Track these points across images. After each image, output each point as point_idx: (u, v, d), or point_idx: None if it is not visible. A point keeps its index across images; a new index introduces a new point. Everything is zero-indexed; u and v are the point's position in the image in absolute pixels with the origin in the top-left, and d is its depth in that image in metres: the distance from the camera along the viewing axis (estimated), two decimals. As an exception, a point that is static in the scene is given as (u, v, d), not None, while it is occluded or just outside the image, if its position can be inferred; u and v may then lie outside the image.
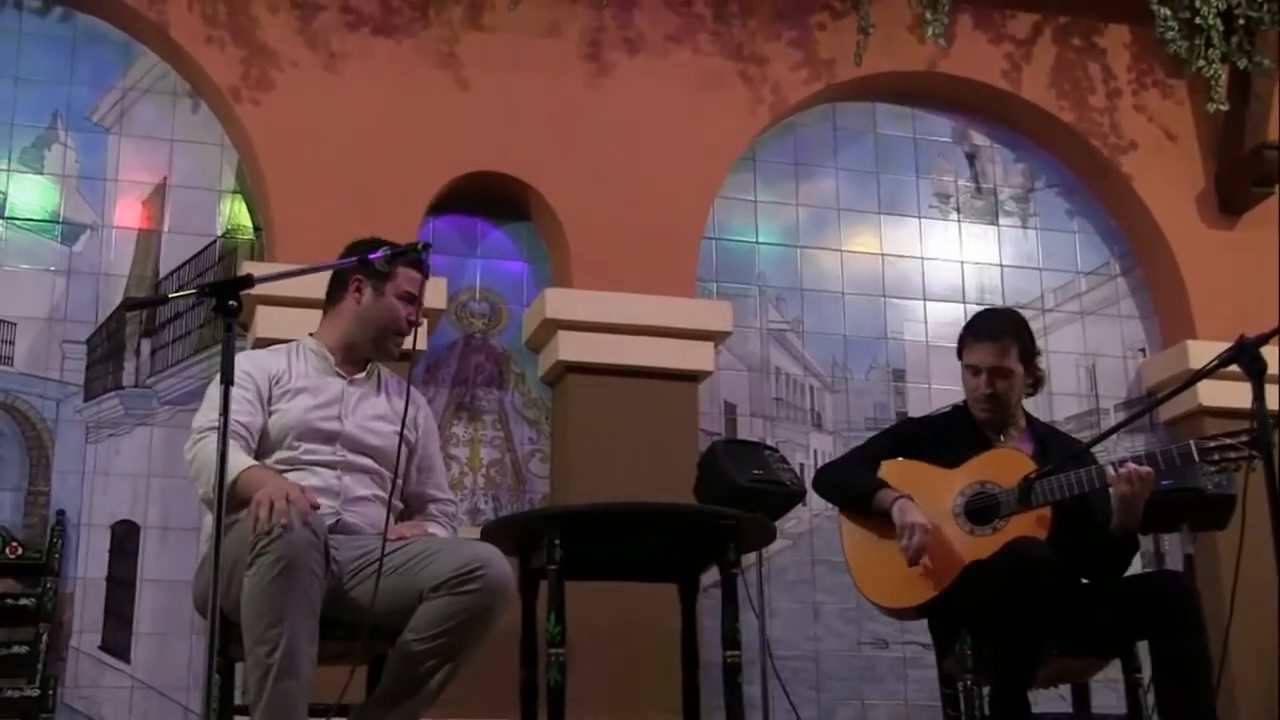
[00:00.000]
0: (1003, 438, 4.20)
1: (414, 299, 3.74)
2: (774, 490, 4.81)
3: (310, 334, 3.87)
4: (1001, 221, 6.70)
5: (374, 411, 3.73)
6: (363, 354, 3.81)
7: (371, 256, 3.39)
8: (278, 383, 3.67)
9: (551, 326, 5.68)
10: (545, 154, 5.86)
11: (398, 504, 3.73)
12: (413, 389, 3.77)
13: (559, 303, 5.69)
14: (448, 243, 5.87)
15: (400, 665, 3.37)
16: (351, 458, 3.65)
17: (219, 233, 5.71)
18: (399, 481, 3.72)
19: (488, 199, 5.93)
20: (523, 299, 5.93)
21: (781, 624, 5.83)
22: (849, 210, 6.50)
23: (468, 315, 5.86)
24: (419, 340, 5.22)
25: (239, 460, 3.40)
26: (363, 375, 3.81)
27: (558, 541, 3.90)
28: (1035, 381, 4.26)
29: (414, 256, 3.56)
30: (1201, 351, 6.08)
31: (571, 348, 5.66)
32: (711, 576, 4.23)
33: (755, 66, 6.26)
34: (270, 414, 3.62)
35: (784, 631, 5.83)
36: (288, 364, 3.73)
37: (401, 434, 3.56)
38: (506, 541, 4.02)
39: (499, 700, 4.33)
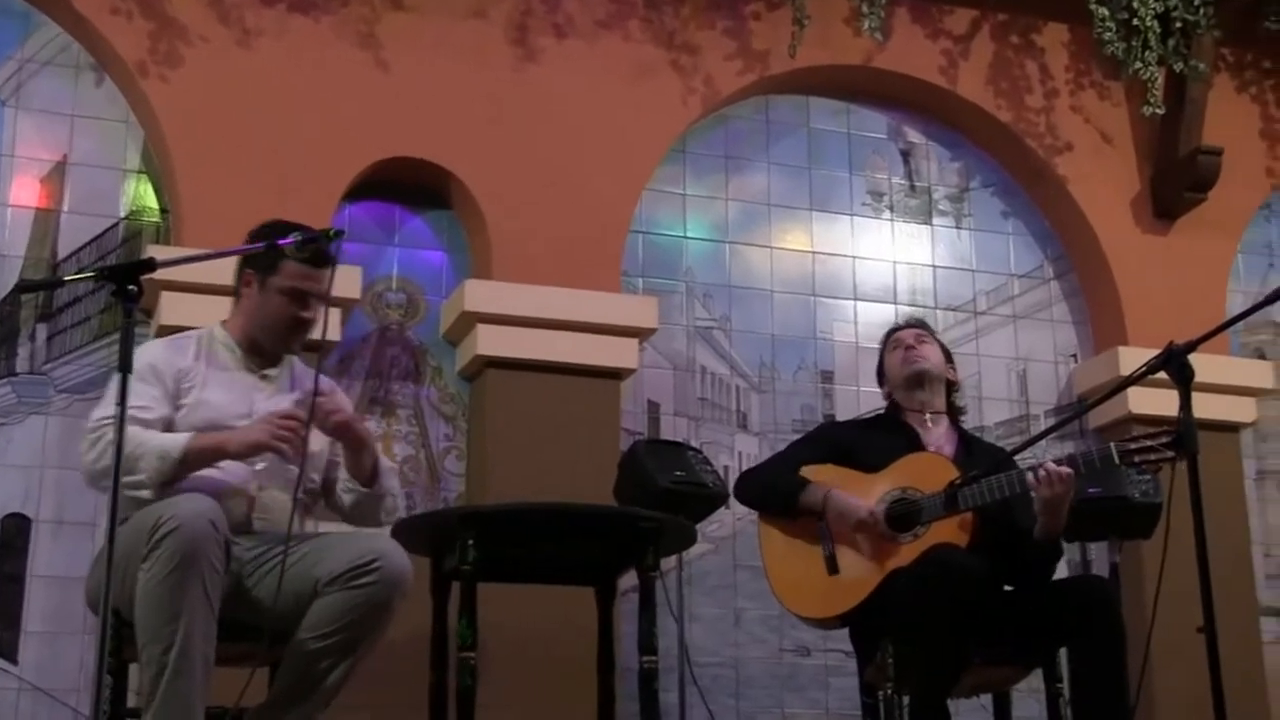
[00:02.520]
0: (929, 443, 4.25)
1: (301, 295, 3.62)
2: (696, 492, 4.82)
3: (222, 321, 3.79)
4: (935, 221, 6.75)
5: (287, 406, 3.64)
6: (267, 348, 3.72)
7: (281, 243, 3.35)
8: (185, 377, 3.60)
9: (471, 319, 5.67)
10: (468, 140, 5.85)
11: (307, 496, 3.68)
12: (327, 379, 3.73)
13: (479, 295, 5.68)
14: (364, 230, 5.83)
15: (295, 665, 3.35)
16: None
17: (123, 214, 5.63)
18: (316, 477, 3.66)
19: (407, 186, 5.90)
20: (441, 290, 5.90)
21: (702, 630, 5.85)
22: (780, 206, 6.53)
23: (384, 306, 5.83)
24: (331, 331, 5.28)
25: (169, 439, 3.38)
26: (274, 369, 3.73)
27: (471, 542, 3.90)
28: (952, 385, 4.38)
29: (308, 250, 3.46)
30: (1133, 358, 6.15)
31: (491, 342, 5.65)
32: (630, 580, 4.23)
33: (687, 56, 6.28)
34: (177, 409, 3.55)
35: (704, 638, 5.84)
36: (195, 357, 3.66)
37: (309, 423, 3.46)
38: (418, 541, 4.02)
39: (408, 705, 4.32)
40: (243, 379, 3.67)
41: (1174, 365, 3.44)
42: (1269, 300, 3.57)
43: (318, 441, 3.55)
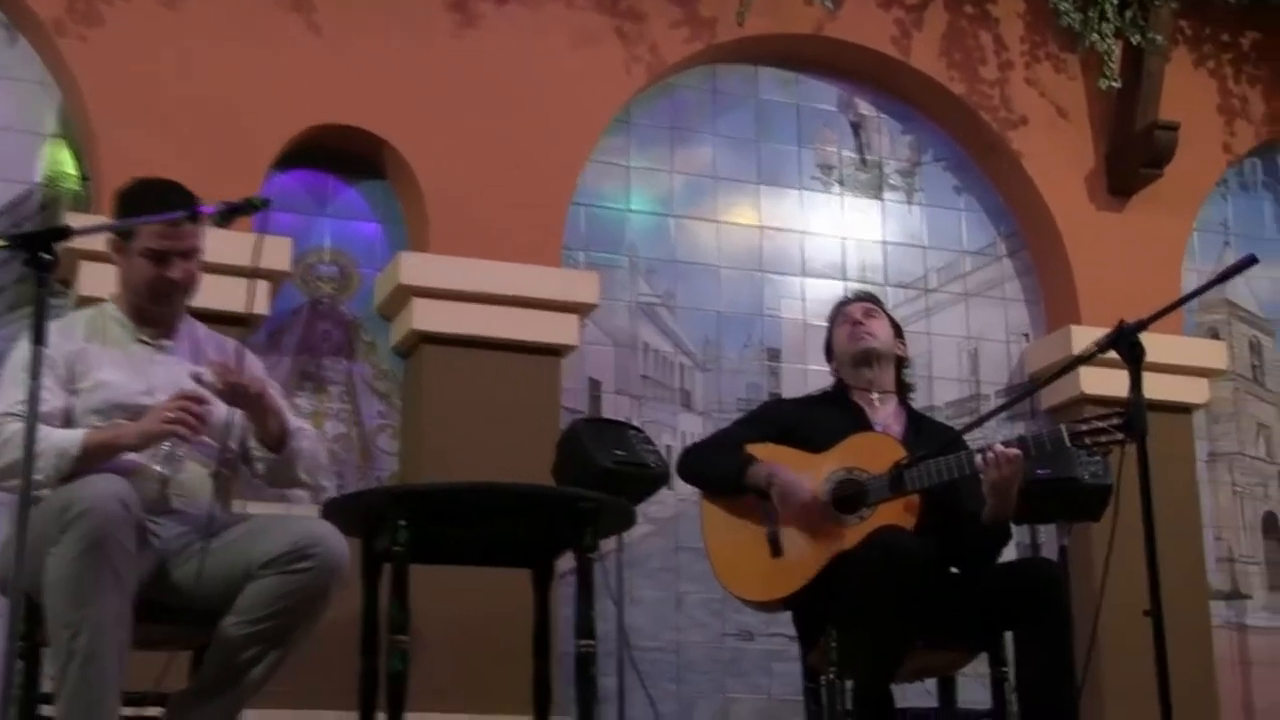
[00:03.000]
0: (876, 422, 4.25)
1: (162, 255, 3.50)
2: (637, 473, 4.81)
3: (113, 295, 3.69)
4: (886, 196, 6.77)
5: (186, 378, 3.51)
6: (153, 316, 3.62)
7: (203, 211, 3.30)
8: (78, 360, 3.50)
9: (405, 293, 5.64)
10: (403, 108, 5.81)
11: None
12: (232, 342, 3.69)
13: (414, 268, 5.65)
14: (295, 200, 5.79)
15: (222, 652, 3.31)
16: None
17: (39, 180, 5.55)
18: (234, 445, 3.59)
19: (340, 154, 5.86)
20: (375, 263, 5.87)
21: (642, 613, 5.85)
22: (727, 179, 6.52)
23: (315, 279, 5.79)
24: (259, 304, 5.23)
25: (66, 436, 3.32)
26: (170, 339, 3.64)
27: (403, 522, 3.88)
28: (901, 362, 4.40)
29: (176, 207, 3.39)
30: (1086, 337, 6.18)
31: (426, 316, 5.62)
32: (569, 563, 4.22)
33: (632, 23, 6.25)
34: (75, 394, 3.46)
35: (644, 621, 5.84)
36: (86, 338, 3.55)
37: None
38: (349, 521, 3.98)
39: (337, 692, 4.30)
40: (138, 352, 3.57)
41: (1124, 345, 3.44)
42: (1221, 279, 3.58)
43: (224, 410, 3.48)
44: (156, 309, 3.60)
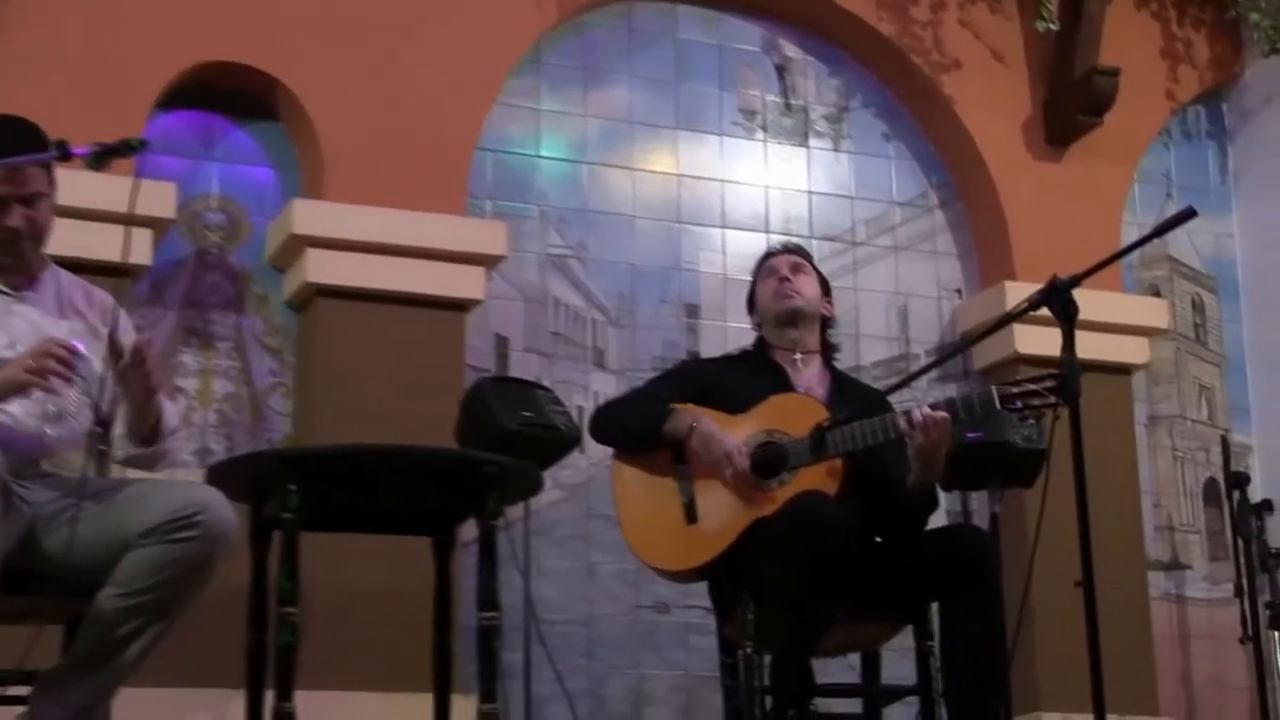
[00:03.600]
0: (798, 384, 4.27)
1: (4, 202, 3.44)
2: (546, 435, 4.84)
3: None
4: (811, 143, 6.78)
5: (51, 328, 3.50)
6: (6, 265, 3.54)
7: (75, 153, 3.26)
8: None
9: (299, 243, 5.60)
10: (297, 45, 5.75)
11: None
12: (111, 302, 3.64)
13: (309, 216, 5.61)
14: (179, 142, 5.74)
15: (97, 626, 3.27)
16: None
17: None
18: (104, 407, 3.55)
19: (229, 94, 5.80)
20: (267, 210, 5.82)
21: (551, 585, 5.86)
22: (643, 124, 6.52)
23: (202, 227, 5.74)
24: (140, 254, 5.18)
25: None
26: (32, 290, 3.58)
27: (294, 487, 3.85)
28: (827, 321, 4.43)
29: (20, 148, 3.33)
30: (1021, 294, 6.19)
31: (322, 268, 5.59)
32: (473, 531, 4.21)
33: (543, -44, 6.23)
34: None
35: (554, 593, 5.86)
36: None
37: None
38: (236, 486, 3.95)
39: (222, 667, 4.28)
40: None
41: (1056, 301, 3.48)
42: (1158, 232, 3.62)
43: (99, 366, 3.43)
44: (4, 259, 3.55)
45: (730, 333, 6.16)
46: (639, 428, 4.21)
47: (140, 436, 3.56)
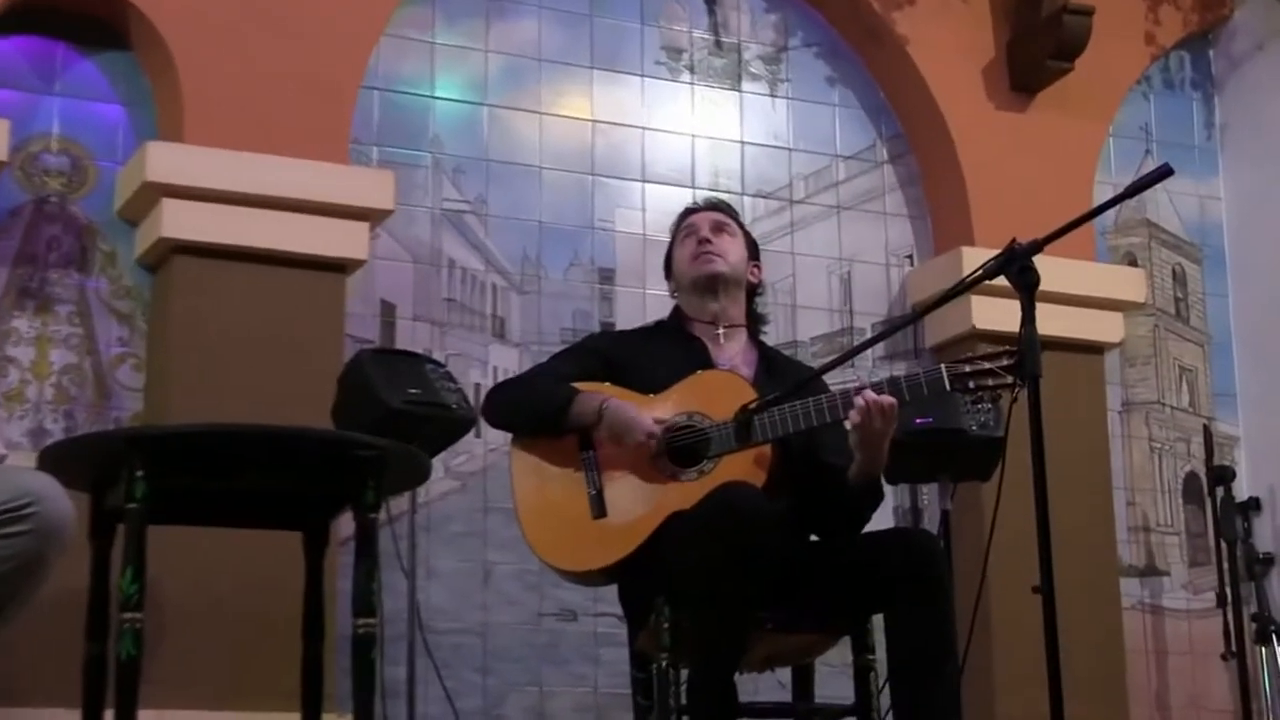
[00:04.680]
0: (720, 360, 4.27)
1: None
2: (436, 415, 4.84)
3: None
4: (745, 87, 6.79)
5: None
6: None
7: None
8: None
9: (154, 192, 5.55)
10: (153, -38, 5.71)
11: None
12: None
13: (165, 161, 5.56)
14: (13, 73, 5.69)
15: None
16: None
17: None
18: None
19: (73, 18, 5.76)
20: (117, 154, 5.79)
21: (441, 588, 5.86)
22: (553, 62, 6.52)
23: (40, 172, 5.69)
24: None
25: None
26: None
27: (141, 473, 3.81)
28: (754, 288, 4.43)
29: None
30: (979, 261, 6.22)
31: (180, 221, 5.54)
32: (349, 525, 4.20)
33: None
34: None
35: (443, 598, 5.86)
36: None
37: None
38: (74, 472, 3.94)
39: (54, 682, 4.25)
40: None
41: (1015, 269, 3.50)
42: (1130, 192, 3.65)
43: None
44: None
45: (650, 301, 6.17)
46: (539, 410, 4.21)
47: None
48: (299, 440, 4.08)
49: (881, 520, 4.30)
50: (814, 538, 4.20)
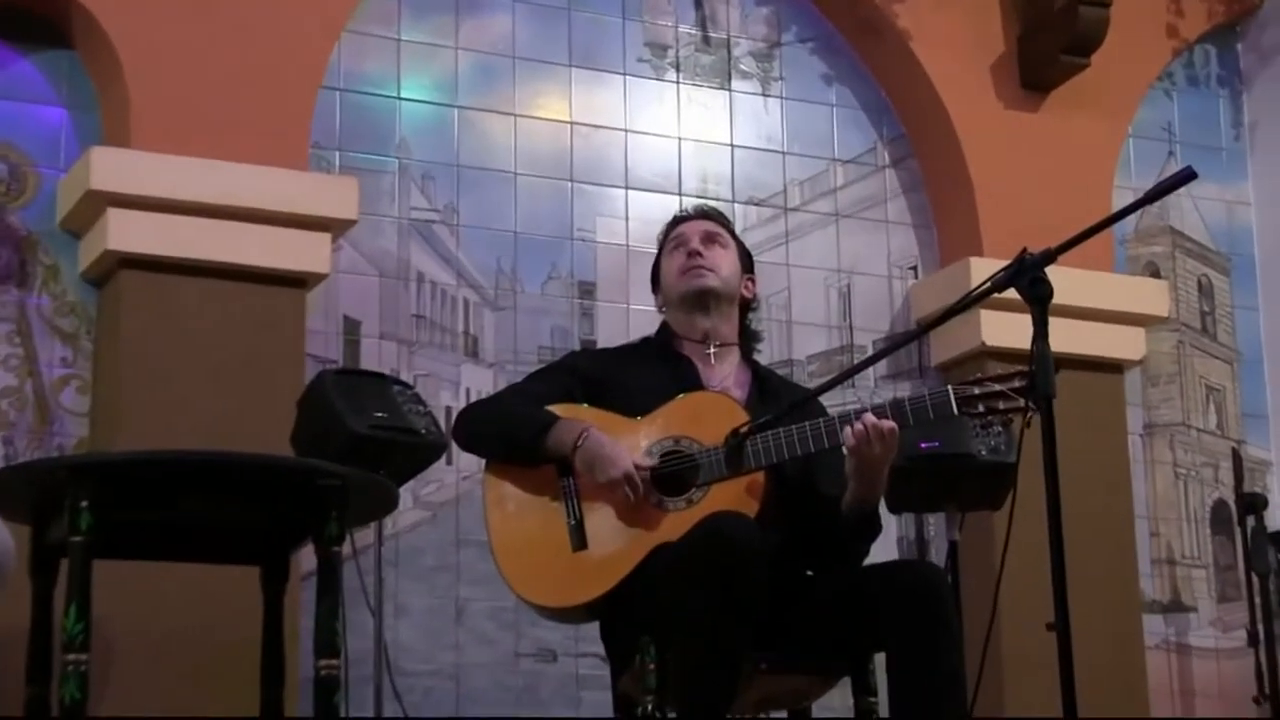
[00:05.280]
0: (711, 380, 4.27)
1: None
2: (403, 441, 4.86)
3: None
4: (735, 86, 6.82)
5: None
6: None
7: None
8: None
9: (99, 201, 5.57)
10: (98, -46, 5.73)
11: None
12: None
13: (111, 167, 5.58)
14: (-52, 75, 5.70)
15: None
16: None
17: None
18: None
19: (11, 13, 5.77)
20: (59, 160, 5.81)
21: (410, 627, 5.87)
22: (528, 60, 6.55)
23: (-25, 180, 5.71)
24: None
25: None
26: None
27: (85, 503, 3.82)
28: (747, 303, 4.43)
29: None
30: (989, 272, 6.26)
31: (127, 233, 5.56)
32: (311, 560, 4.20)
33: None
34: None
35: (413, 637, 5.87)
36: None
37: None
38: (14, 502, 3.98)
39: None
40: None
41: (1026, 281, 3.51)
42: (1150, 198, 3.65)
43: None
44: None
45: (634, 317, 6.20)
46: (513, 437, 4.20)
47: None
48: (256, 468, 4.10)
49: (884, 553, 4.31)
50: (809, 572, 4.21)
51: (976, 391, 3.94)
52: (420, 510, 5.90)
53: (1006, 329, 6.12)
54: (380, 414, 4.81)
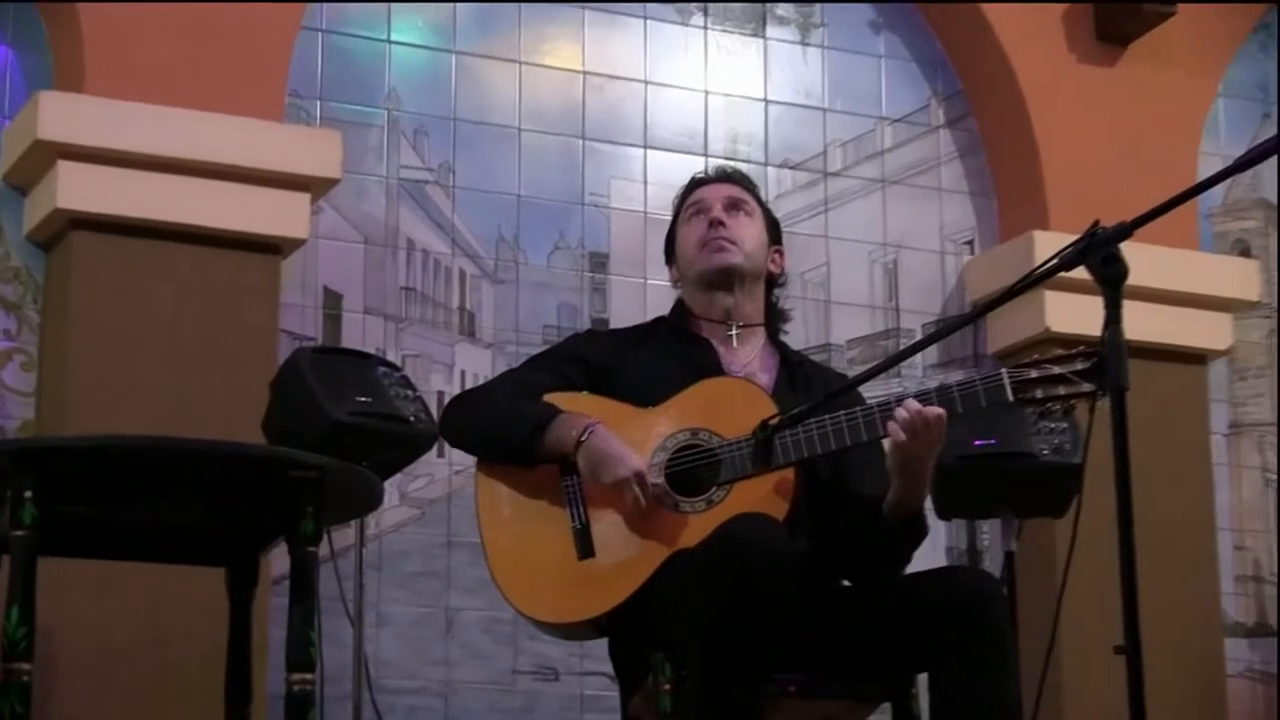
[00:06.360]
0: (733, 365, 4.28)
1: None
2: (389, 429, 4.87)
3: None
4: (770, 34, 6.83)
5: None
6: None
7: None
8: None
9: (48, 153, 5.60)
10: (49, -124, 5.76)
11: None
12: None
13: (62, 115, 5.61)
14: (-119, 11, 5.73)
15: None
16: None
17: None
18: None
19: (-48, -57, 5.80)
20: (3, 107, 5.85)
21: (395, 639, 5.90)
22: (535, 1, 6.53)
23: (-90, 128, 5.75)
24: None
25: None
26: None
27: (30, 494, 3.85)
28: (774, 279, 4.42)
29: None
30: (1056, 248, 6.27)
31: (79, 189, 5.60)
32: (284, 562, 4.22)
33: None
34: None
35: (397, 650, 5.90)
36: None
37: None
38: (-51, 493, 3.97)
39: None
40: None
41: (1098, 258, 3.52)
42: (1240, 165, 3.65)
43: None
44: None
45: (651, 292, 6.22)
46: (505, 438, 4.18)
47: None
48: (222, 457, 4.10)
49: (931, 564, 4.30)
50: (845, 582, 4.22)
51: (1035, 375, 3.90)
52: (407, 508, 5.92)
53: (1074, 313, 6.12)
54: (363, 399, 4.81)
